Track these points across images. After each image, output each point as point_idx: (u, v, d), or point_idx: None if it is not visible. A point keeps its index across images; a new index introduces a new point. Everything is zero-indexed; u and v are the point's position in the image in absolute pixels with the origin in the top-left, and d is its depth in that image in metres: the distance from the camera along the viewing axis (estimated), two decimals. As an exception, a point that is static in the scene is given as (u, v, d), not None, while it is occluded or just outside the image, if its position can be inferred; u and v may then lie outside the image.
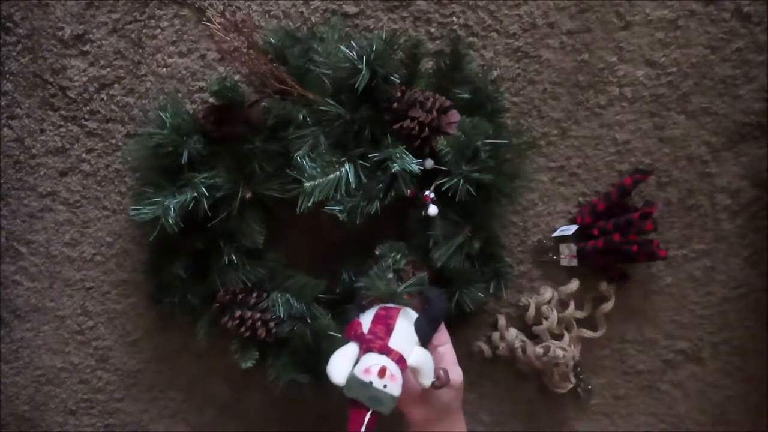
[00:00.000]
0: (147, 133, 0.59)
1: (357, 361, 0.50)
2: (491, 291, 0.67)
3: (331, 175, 0.57)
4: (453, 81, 0.61)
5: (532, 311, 0.70)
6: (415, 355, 0.50)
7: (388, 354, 0.49)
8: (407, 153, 0.57)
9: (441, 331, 0.57)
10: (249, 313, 0.63)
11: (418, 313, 0.55)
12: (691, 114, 0.68)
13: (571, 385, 0.71)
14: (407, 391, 0.52)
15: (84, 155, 0.70)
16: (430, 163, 0.59)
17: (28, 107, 0.69)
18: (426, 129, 0.57)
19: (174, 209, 0.58)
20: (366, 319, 0.53)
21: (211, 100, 0.64)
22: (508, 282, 0.68)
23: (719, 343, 0.74)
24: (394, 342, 0.50)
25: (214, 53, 0.67)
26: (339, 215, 0.58)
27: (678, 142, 0.69)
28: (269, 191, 0.62)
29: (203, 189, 0.59)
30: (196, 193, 0.59)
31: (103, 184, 0.70)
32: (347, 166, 0.58)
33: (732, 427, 0.77)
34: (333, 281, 0.67)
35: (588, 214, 0.69)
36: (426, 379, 0.50)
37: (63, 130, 0.69)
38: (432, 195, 0.60)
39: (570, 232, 0.68)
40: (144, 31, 0.67)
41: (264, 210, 0.64)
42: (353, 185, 0.57)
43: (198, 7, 0.66)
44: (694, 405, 0.76)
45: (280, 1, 0.66)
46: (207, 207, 0.59)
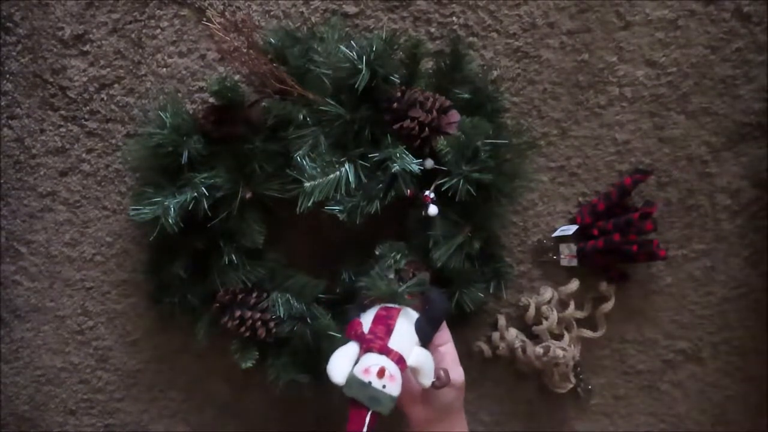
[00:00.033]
0: (147, 133, 0.59)
1: (357, 361, 0.50)
2: (491, 291, 0.67)
3: (331, 175, 0.57)
4: (453, 81, 0.61)
5: (532, 311, 0.70)
6: (415, 356, 0.50)
7: (387, 354, 0.49)
8: (407, 153, 0.57)
9: (442, 331, 0.57)
10: (249, 313, 0.63)
11: (418, 314, 0.55)
12: (691, 114, 0.68)
13: (571, 385, 0.71)
14: (408, 391, 0.52)
15: (84, 155, 0.70)
16: (430, 163, 0.59)
17: (28, 107, 0.69)
18: (426, 129, 0.57)
19: (174, 209, 0.58)
20: (366, 319, 0.53)
21: (211, 100, 0.64)
22: (508, 282, 0.68)
23: (719, 343, 0.74)
24: (394, 342, 0.50)
25: (214, 53, 0.67)
26: (339, 215, 0.58)
27: (678, 142, 0.69)
28: (269, 191, 0.62)
29: (203, 189, 0.59)
30: (196, 193, 0.59)
31: (103, 184, 0.70)
32: (347, 166, 0.58)
33: (732, 427, 0.77)
34: (333, 281, 0.67)
35: (588, 214, 0.69)
36: (426, 379, 0.50)
37: (63, 130, 0.69)
38: (432, 195, 0.60)
39: (570, 232, 0.68)
40: (144, 31, 0.67)
41: (264, 210, 0.64)
42: (353, 185, 0.57)
43: (198, 7, 0.66)
44: (694, 405, 0.76)
45: (280, 1, 0.66)
46: (207, 207, 0.59)
